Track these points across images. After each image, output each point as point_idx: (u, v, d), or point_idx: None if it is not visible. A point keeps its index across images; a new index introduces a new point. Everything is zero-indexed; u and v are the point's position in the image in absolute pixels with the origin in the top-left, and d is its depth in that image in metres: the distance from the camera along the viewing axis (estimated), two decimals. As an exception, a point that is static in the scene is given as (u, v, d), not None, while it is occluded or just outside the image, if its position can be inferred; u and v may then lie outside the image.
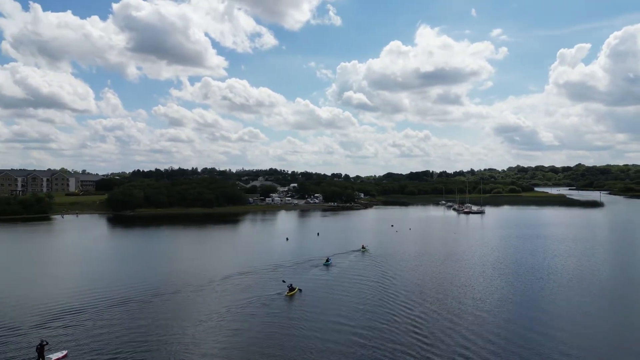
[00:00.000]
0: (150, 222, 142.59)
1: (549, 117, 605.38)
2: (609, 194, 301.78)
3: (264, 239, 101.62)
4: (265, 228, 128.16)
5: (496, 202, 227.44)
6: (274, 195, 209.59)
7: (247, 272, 63.12)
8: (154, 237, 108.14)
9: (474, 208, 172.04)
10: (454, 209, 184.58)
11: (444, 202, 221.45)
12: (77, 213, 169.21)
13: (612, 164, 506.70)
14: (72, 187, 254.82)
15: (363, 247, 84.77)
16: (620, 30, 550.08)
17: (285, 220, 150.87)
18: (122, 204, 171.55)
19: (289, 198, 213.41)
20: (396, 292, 52.34)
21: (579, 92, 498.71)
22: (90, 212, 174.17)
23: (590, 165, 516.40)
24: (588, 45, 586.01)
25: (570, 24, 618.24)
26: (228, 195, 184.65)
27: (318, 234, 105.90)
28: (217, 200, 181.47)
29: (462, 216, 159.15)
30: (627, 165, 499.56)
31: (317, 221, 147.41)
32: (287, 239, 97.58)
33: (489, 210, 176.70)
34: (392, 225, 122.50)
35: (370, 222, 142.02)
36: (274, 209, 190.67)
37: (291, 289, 52.78)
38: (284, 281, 55.21)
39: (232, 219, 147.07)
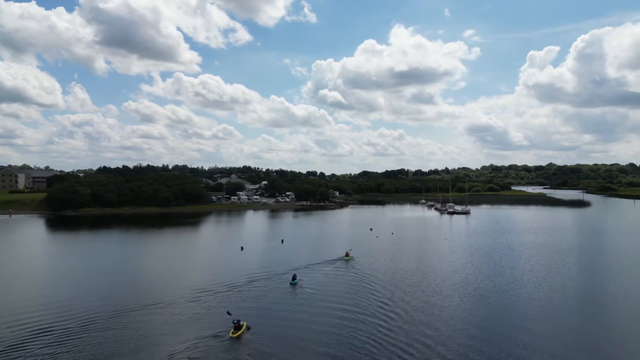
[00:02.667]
0: (92, 224, 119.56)
1: (519, 118, 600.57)
2: (586, 192, 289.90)
3: (215, 247, 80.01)
4: (221, 232, 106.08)
5: (477, 201, 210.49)
6: (240, 193, 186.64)
7: (163, 303, 41.99)
8: (81, 245, 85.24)
9: (458, 208, 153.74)
10: (436, 209, 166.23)
11: (424, 201, 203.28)
12: (10, 212, 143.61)
13: (579, 163, 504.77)
14: (22, 184, 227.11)
15: (347, 255, 67.60)
16: (587, 33, 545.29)
17: (249, 223, 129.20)
18: (64, 202, 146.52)
19: (257, 197, 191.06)
20: (388, 343, 31.82)
21: (548, 93, 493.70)
22: (28, 211, 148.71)
23: (560, 165, 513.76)
24: (557, 48, 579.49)
25: (540, 26, 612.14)
26: (188, 194, 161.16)
27: (282, 240, 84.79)
28: (175, 199, 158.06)
29: (446, 217, 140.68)
30: (596, 164, 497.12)
31: (286, 223, 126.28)
32: (241, 248, 76.26)
33: (474, 210, 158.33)
34: (371, 229, 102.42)
35: (346, 224, 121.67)
36: (240, 208, 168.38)
37: (237, 326, 34.46)
38: (228, 313, 36.59)
39: (187, 221, 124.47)
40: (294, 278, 53.55)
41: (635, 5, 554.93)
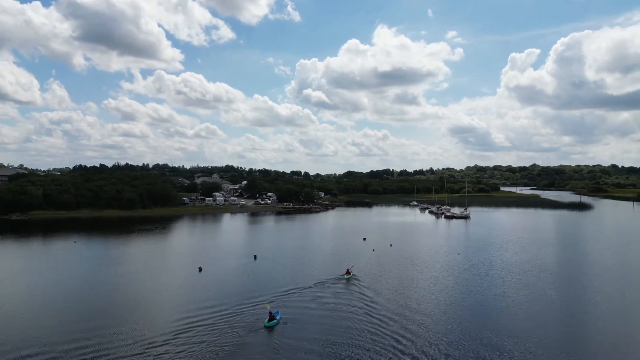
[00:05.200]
0: (40, 229, 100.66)
1: (500, 119, 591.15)
2: (576, 194, 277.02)
3: (165, 267, 60.42)
4: (183, 243, 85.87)
5: (470, 203, 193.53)
6: (216, 194, 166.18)
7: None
8: (5, 260, 65.04)
9: (456, 211, 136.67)
10: (431, 212, 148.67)
11: (415, 203, 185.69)
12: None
13: (562, 164, 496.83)
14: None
15: (348, 273, 52.43)
16: (567, 37, 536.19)
17: (220, 230, 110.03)
18: (11, 204, 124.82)
19: (235, 198, 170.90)
20: None
21: (528, 95, 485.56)
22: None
23: (543, 166, 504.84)
24: (537, 51, 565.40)
25: (521, 29, 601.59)
26: (156, 195, 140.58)
27: (255, 257, 65.79)
28: (141, 201, 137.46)
29: (443, 222, 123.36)
30: (579, 165, 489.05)
31: (264, 230, 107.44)
32: (199, 269, 57.16)
33: (473, 213, 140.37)
34: (364, 239, 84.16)
35: (334, 232, 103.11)
36: (215, 211, 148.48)
37: None
38: None
39: (147, 228, 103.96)
40: (271, 318, 35.62)
41: (614, 9, 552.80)
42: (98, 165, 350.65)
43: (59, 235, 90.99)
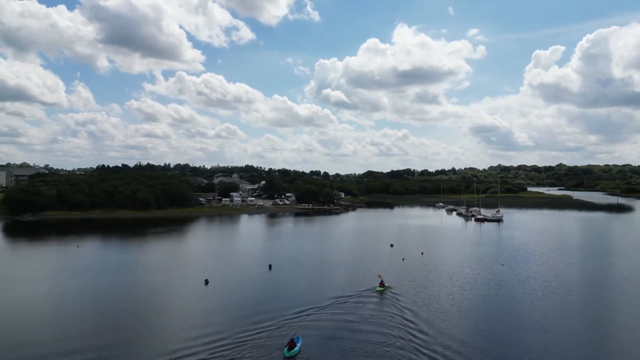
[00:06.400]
0: (50, 232, 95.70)
1: (523, 118, 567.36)
2: (609, 194, 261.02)
3: (169, 279, 52.72)
4: (192, 250, 77.91)
5: (496, 204, 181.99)
6: (234, 194, 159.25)
7: None
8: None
9: (488, 214, 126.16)
10: (460, 214, 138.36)
11: (441, 204, 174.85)
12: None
13: (590, 164, 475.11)
14: (3, 182, 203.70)
15: (381, 285, 45.06)
16: (593, 33, 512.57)
17: (236, 233, 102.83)
18: (24, 204, 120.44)
19: (253, 198, 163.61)
20: None
21: (553, 93, 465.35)
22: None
23: (569, 166, 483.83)
24: (562, 48, 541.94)
25: (545, 26, 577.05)
26: (170, 195, 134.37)
27: (270, 266, 57.79)
28: (156, 201, 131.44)
29: (473, 225, 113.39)
30: (607, 165, 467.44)
31: (281, 234, 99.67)
32: (206, 282, 49.42)
33: (505, 215, 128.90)
34: (391, 245, 75.31)
35: (357, 236, 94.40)
36: (232, 212, 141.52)
37: None
38: None
39: (162, 230, 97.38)
40: (291, 346, 27.95)
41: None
42: (120, 165, 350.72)
43: (66, 238, 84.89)
